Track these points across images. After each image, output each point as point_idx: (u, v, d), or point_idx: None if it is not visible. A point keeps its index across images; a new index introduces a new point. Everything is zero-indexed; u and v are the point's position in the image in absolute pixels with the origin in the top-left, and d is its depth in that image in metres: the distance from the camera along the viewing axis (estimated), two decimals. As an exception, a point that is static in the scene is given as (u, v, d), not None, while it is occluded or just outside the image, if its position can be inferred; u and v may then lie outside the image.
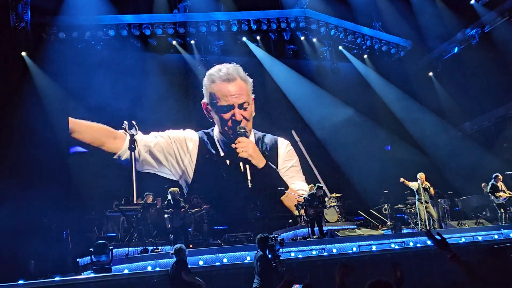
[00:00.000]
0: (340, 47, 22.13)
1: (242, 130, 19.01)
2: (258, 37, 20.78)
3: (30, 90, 16.28)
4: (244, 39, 20.57)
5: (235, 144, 18.93)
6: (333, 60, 22.15)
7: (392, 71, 22.42)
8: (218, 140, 19.31)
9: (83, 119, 17.54)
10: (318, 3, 20.76)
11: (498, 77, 18.85)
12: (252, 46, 20.69)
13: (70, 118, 17.39)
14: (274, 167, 19.71)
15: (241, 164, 19.08)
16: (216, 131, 19.45)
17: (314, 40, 21.59)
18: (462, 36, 20.80)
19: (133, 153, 16.31)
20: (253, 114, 19.69)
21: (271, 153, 20.01)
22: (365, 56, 22.56)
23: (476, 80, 19.69)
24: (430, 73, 22.66)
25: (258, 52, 20.77)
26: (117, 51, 18.46)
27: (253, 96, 19.85)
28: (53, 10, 17.32)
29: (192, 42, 19.89)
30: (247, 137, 19.31)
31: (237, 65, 19.82)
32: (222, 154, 19.21)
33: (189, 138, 19.14)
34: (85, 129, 17.63)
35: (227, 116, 19.11)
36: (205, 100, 19.51)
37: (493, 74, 18.92)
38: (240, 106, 19.21)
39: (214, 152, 19.18)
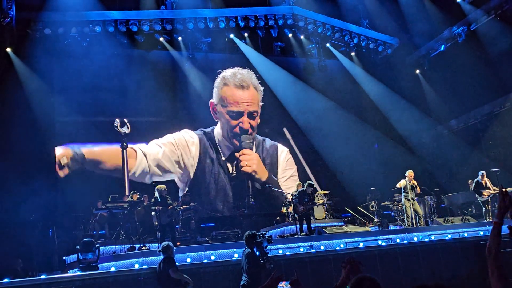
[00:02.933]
0: (328, 45, 22.16)
1: (247, 141, 19.08)
2: (245, 34, 20.74)
3: (15, 86, 16.10)
4: (231, 36, 20.53)
5: (239, 154, 18.96)
6: (320, 57, 22.19)
7: (379, 68, 22.51)
8: (219, 143, 19.27)
9: (69, 116, 17.36)
10: (306, 0, 20.77)
11: (484, 74, 18.98)
12: (239, 43, 20.64)
13: (84, 150, 17.25)
14: (275, 178, 19.73)
15: (243, 175, 19.14)
16: (217, 133, 19.44)
17: (302, 37, 21.61)
18: (449, 34, 20.94)
19: (125, 151, 16.22)
20: (258, 122, 19.76)
21: (270, 161, 20.07)
22: (353, 53, 22.62)
23: (462, 77, 19.81)
24: (417, 71, 22.79)
25: (246, 49, 20.73)
26: (103, 48, 18.28)
27: (261, 104, 19.92)
28: (38, 6, 17.11)
29: (180, 38, 19.80)
30: (251, 149, 19.37)
31: (251, 72, 19.94)
32: (223, 158, 19.22)
33: (191, 141, 19.05)
34: (107, 157, 17.55)
35: (234, 122, 19.15)
36: (214, 100, 19.50)
37: (479, 72, 19.06)
38: (250, 115, 19.33)
39: (215, 154, 19.13)
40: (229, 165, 19.20)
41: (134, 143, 18.14)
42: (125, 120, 16.62)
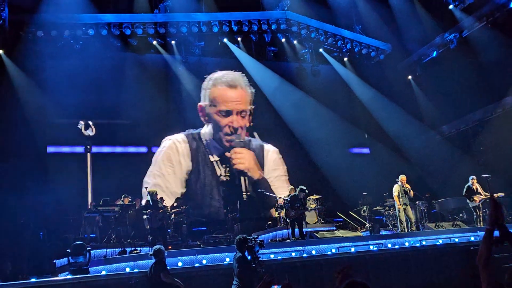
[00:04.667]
0: (321, 50, 22.25)
1: (238, 140, 18.97)
2: (239, 39, 20.79)
3: (7, 88, 16.05)
4: (225, 40, 20.56)
5: (230, 153, 18.84)
6: (313, 62, 22.26)
7: (371, 74, 22.60)
8: (207, 144, 19.14)
9: (61, 118, 17.27)
10: (299, 5, 20.84)
11: (476, 81, 19.11)
12: (233, 47, 20.68)
13: None
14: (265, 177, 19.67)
15: (235, 173, 19.05)
16: (205, 134, 19.30)
17: (295, 42, 21.69)
18: (441, 40, 21.08)
19: (88, 154, 16.15)
20: (249, 124, 19.68)
21: (258, 161, 19.91)
22: (345, 58, 22.71)
23: (454, 83, 19.93)
24: (409, 77, 22.90)
25: (239, 53, 20.77)
26: (96, 51, 18.25)
27: (253, 106, 19.89)
28: (31, 8, 17.06)
29: (173, 42, 19.82)
30: (243, 147, 19.29)
31: (242, 74, 19.96)
32: (212, 159, 19.07)
33: (180, 152, 18.80)
34: None
35: (225, 121, 19.04)
36: (202, 103, 19.43)
37: (470, 78, 19.18)
38: (239, 114, 19.25)
39: (203, 155, 19.02)
40: (217, 168, 19.10)
41: (131, 146, 18.19)
42: (90, 123, 16.53)
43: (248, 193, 18.76)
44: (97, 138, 17.63)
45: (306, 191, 14.50)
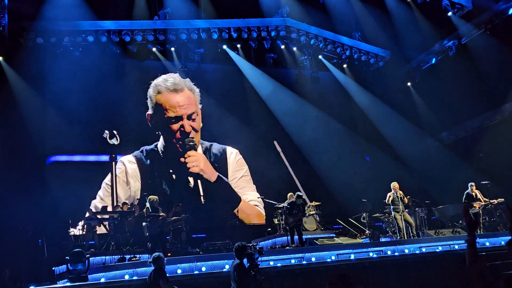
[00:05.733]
0: (320, 56, 22.29)
1: (191, 144, 18.41)
2: (238, 45, 20.83)
3: (6, 95, 16.05)
4: (224, 47, 20.61)
5: (185, 158, 18.28)
6: (313, 69, 22.30)
7: (371, 80, 22.64)
8: (162, 156, 18.63)
9: (60, 125, 17.25)
10: (299, 12, 20.89)
11: (475, 88, 19.14)
12: (232, 54, 20.73)
13: None
14: (226, 180, 19.22)
15: (191, 179, 18.55)
16: (161, 146, 18.79)
17: (294, 49, 21.73)
18: (440, 47, 21.15)
19: (113, 162, 16.11)
20: (201, 125, 19.21)
21: (220, 164, 19.49)
22: (345, 65, 22.77)
23: (453, 90, 19.96)
24: (409, 83, 22.94)
25: (238, 60, 20.82)
26: (96, 57, 18.29)
27: (200, 106, 19.45)
28: (31, 15, 17.11)
29: (172, 49, 19.85)
30: (196, 150, 18.74)
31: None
32: (171, 170, 18.57)
33: (129, 173, 18.21)
34: None
35: (175, 127, 18.47)
36: (150, 111, 18.83)
37: (469, 85, 19.22)
38: (189, 117, 18.65)
39: (159, 167, 18.49)
40: (174, 176, 18.55)
41: (125, 154, 18.16)
42: (115, 132, 16.49)
43: (203, 198, 18.35)
44: (90, 146, 17.63)
45: (303, 197, 14.47)
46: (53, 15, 17.17)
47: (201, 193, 18.42)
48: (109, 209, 15.75)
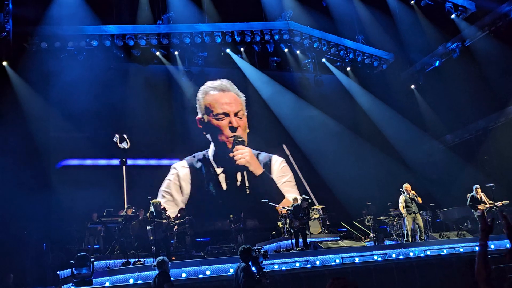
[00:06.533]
0: (323, 60, 22.30)
1: (240, 139, 19.24)
2: (242, 49, 20.85)
3: (11, 100, 16.11)
4: (228, 50, 20.64)
5: (233, 152, 19.16)
6: (316, 72, 22.30)
7: (374, 83, 22.61)
8: (213, 160, 19.39)
9: (64, 130, 17.30)
10: (302, 15, 20.91)
11: (479, 90, 19.10)
12: (235, 57, 20.76)
13: None
14: (271, 176, 19.93)
15: (238, 175, 19.35)
16: (211, 151, 19.54)
17: (298, 52, 21.75)
18: (443, 49, 21.11)
19: (124, 166, 16.20)
20: (247, 130, 19.76)
21: (265, 170, 20.21)
22: (348, 68, 22.77)
23: (457, 93, 19.92)
24: (412, 86, 22.89)
25: (242, 63, 20.84)
26: (100, 62, 18.33)
27: (247, 112, 20.11)
28: (35, 20, 17.18)
29: (176, 53, 19.89)
30: (244, 146, 19.61)
31: (230, 82, 20.31)
32: (218, 171, 19.29)
33: (182, 177, 19.03)
34: None
35: (223, 123, 19.33)
36: (199, 114, 19.64)
37: (473, 87, 19.18)
38: (235, 115, 19.53)
39: (208, 173, 19.23)
40: (222, 181, 19.23)
41: (130, 158, 18.20)
42: (125, 136, 16.59)
43: (248, 189, 19.09)
44: (96, 150, 17.66)
45: (309, 201, 14.45)
46: (57, 20, 17.23)
47: (247, 184, 19.22)
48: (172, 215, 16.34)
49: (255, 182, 19.45)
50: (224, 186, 19.28)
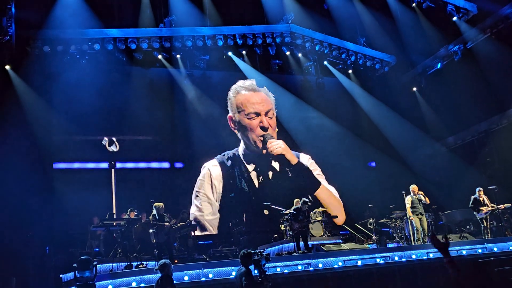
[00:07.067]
0: (325, 62, 22.33)
1: (270, 136, 19.12)
2: (243, 52, 20.88)
3: (13, 103, 16.15)
4: (229, 53, 20.67)
5: (267, 145, 18.92)
6: (318, 75, 22.33)
7: (376, 86, 22.64)
8: (244, 158, 19.35)
9: (67, 133, 17.34)
10: (303, 18, 20.96)
11: (481, 92, 19.11)
12: (237, 60, 20.79)
13: None
14: (306, 165, 19.77)
15: (275, 164, 19.27)
16: (241, 149, 19.48)
17: (299, 55, 21.78)
18: (445, 52, 21.12)
19: (113, 169, 16.14)
20: (276, 129, 19.76)
21: None
22: (350, 71, 22.79)
23: (459, 95, 19.93)
24: (414, 88, 22.90)
25: (244, 66, 20.87)
26: (102, 65, 18.38)
27: (276, 110, 19.99)
28: (38, 24, 17.24)
29: (178, 56, 19.94)
30: None
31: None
32: (250, 169, 19.26)
33: (214, 177, 19.08)
34: None
35: (255, 123, 19.16)
36: (231, 113, 19.58)
37: (475, 90, 19.19)
38: (266, 114, 19.39)
39: (239, 171, 19.22)
40: (254, 178, 19.26)
41: (129, 162, 18.26)
42: (114, 139, 16.52)
43: (290, 174, 18.92)
44: (95, 153, 17.68)
45: (309, 203, 14.41)
46: (60, 24, 17.30)
47: (288, 169, 18.95)
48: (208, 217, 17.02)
49: (293, 168, 19.13)
50: (256, 183, 19.25)
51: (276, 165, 19.27)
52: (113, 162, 16.00)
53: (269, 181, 19.22)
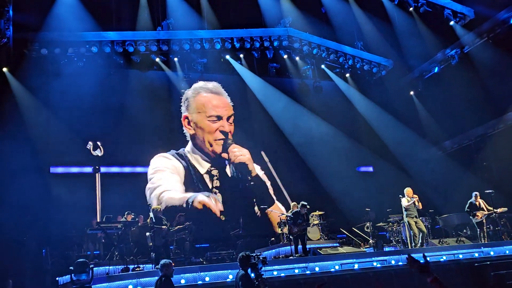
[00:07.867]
0: (323, 66, 22.37)
1: (230, 141, 19.21)
2: (241, 55, 20.92)
3: (11, 106, 16.13)
4: (227, 57, 20.71)
5: (228, 152, 19.05)
6: (315, 78, 22.38)
7: (373, 90, 22.68)
8: (193, 160, 19.18)
9: (64, 136, 17.30)
10: (301, 22, 21.01)
11: (478, 96, 19.15)
12: (235, 64, 20.83)
13: None
14: (264, 180, 19.83)
15: (228, 170, 19.31)
16: (189, 150, 19.34)
17: (297, 58, 21.81)
18: (442, 56, 21.19)
19: (97, 174, 16.12)
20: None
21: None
22: (347, 74, 22.84)
23: (456, 99, 19.97)
24: (411, 92, 22.94)
25: (241, 69, 20.91)
26: (99, 68, 18.38)
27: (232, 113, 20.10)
28: (35, 26, 17.25)
29: (175, 59, 19.96)
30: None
31: (220, 86, 20.24)
32: (202, 171, 19.13)
33: (176, 166, 18.96)
34: None
35: (215, 126, 19.27)
36: (186, 113, 19.48)
37: (472, 94, 19.23)
38: (228, 119, 19.51)
39: (192, 167, 19.10)
40: (207, 181, 19.17)
41: (130, 166, 18.25)
42: (98, 143, 16.47)
43: (252, 183, 19.16)
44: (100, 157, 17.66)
45: (308, 207, 14.42)
46: (57, 27, 17.31)
47: (249, 177, 19.22)
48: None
49: (252, 179, 19.41)
50: (210, 185, 19.18)
51: (228, 170, 19.38)
52: (97, 167, 16.00)
53: (221, 187, 19.22)
